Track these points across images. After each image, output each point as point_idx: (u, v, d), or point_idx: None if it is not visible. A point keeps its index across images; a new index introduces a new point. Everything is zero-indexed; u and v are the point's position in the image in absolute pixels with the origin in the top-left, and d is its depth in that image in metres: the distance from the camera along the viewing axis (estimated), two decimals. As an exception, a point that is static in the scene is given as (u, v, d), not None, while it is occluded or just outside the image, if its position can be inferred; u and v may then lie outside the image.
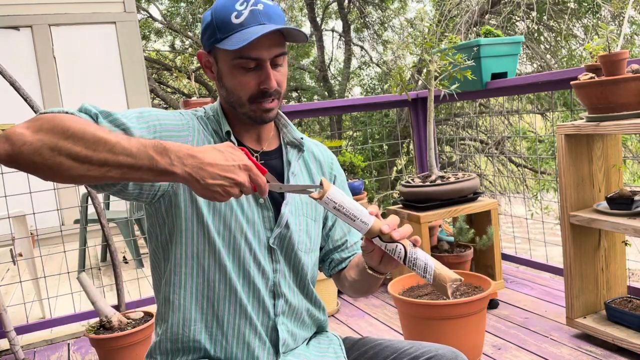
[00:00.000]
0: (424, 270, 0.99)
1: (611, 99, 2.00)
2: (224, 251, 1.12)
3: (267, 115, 1.14)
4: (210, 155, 0.91)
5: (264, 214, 1.16)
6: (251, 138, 1.20)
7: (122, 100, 6.18)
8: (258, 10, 1.10)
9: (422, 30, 2.77)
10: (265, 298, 1.15)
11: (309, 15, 11.00)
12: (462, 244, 2.92)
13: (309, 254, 1.22)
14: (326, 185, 0.98)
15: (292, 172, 1.21)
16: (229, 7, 1.10)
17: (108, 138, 0.88)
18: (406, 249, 0.99)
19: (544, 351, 2.25)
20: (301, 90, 10.96)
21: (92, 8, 6.10)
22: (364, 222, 0.99)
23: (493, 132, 7.34)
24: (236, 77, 1.12)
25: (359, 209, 0.99)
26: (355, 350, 1.24)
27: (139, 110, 1.09)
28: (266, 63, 1.11)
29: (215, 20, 1.11)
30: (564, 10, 6.38)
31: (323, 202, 0.98)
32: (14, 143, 0.85)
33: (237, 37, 1.07)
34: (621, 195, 2.13)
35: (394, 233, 0.99)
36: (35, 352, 2.79)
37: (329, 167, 1.31)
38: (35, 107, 2.71)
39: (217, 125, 1.18)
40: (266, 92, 1.12)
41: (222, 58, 1.13)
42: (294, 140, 1.24)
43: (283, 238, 1.17)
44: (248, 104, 1.13)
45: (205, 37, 1.15)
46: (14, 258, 3.05)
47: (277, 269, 1.17)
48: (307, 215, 1.22)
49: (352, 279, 1.24)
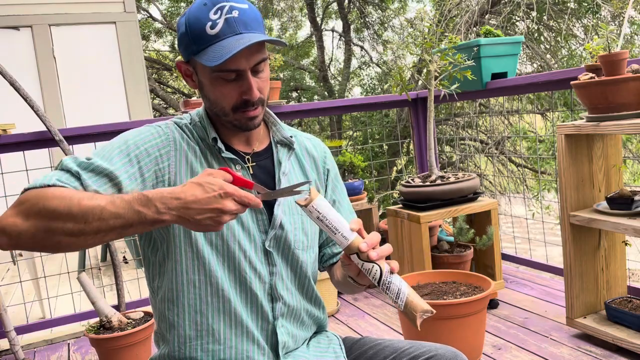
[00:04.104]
0: (396, 296, 0.98)
1: (611, 99, 2.00)
2: (216, 263, 1.11)
3: (251, 123, 1.13)
4: (191, 192, 0.91)
5: (257, 217, 1.15)
6: (240, 141, 1.19)
7: (122, 100, 6.18)
8: (233, 19, 1.06)
9: (422, 30, 2.77)
10: (264, 303, 1.15)
11: (309, 15, 10.99)
12: (462, 244, 2.92)
13: (307, 251, 1.22)
14: (314, 194, 0.98)
15: (282, 172, 1.20)
16: (202, 17, 1.06)
17: (94, 206, 0.90)
18: (382, 271, 0.98)
19: (544, 351, 2.25)
20: (301, 90, 10.95)
21: (92, 8, 6.10)
22: (344, 237, 0.98)
23: (493, 132, 7.34)
24: (217, 89, 1.10)
25: (342, 223, 0.99)
26: (355, 350, 1.24)
27: (118, 143, 1.08)
28: (247, 73, 1.08)
29: (190, 32, 1.08)
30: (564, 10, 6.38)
31: (307, 210, 0.98)
32: (10, 235, 0.90)
33: (214, 51, 1.05)
34: (621, 195, 2.12)
35: (371, 252, 0.97)
36: (35, 352, 2.79)
37: (322, 162, 1.30)
38: (35, 107, 2.71)
39: (203, 132, 1.16)
40: (248, 102, 1.10)
41: (201, 70, 1.11)
42: (283, 139, 1.23)
43: (279, 239, 1.17)
44: (232, 113, 1.12)
45: (182, 46, 1.12)
46: (14, 258, 3.05)
47: (273, 271, 1.16)
48: (302, 213, 1.21)
49: (337, 279, 1.25)
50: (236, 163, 1.16)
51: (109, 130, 2.89)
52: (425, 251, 2.59)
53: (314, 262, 1.25)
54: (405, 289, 0.98)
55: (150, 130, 1.12)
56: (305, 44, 11.89)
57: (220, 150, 1.15)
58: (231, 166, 1.15)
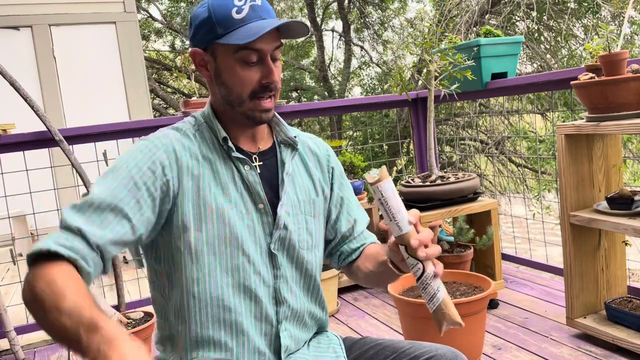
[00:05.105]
0: (430, 298, 0.99)
1: (611, 99, 2.00)
2: (219, 273, 1.11)
3: (265, 115, 1.15)
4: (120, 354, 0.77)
5: (263, 219, 1.15)
6: (247, 139, 1.20)
7: (122, 100, 6.18)
8: (257, 6, 1.11)
9: (422, 30, 2.77)
10: (268, 307, 1.15)
11: (309, 15, 11.00)
12: (462, 244, 2.92)
13: (312, 250, 1.22)
14: (383, 175, 0.99)
15: (286, 172, 1.20)
16: (227, 3, 1.11)
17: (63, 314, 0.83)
18: (424, 271, 0.98)
19: (544, 351, 2.25)
20: (301, 90, 10.96)
21: (92, 8, 6.10)
22: (399, 227, 0.99)
23: (493, 132, 7.34)
24: (237, 72, 1.11)
25: (401, 213, 0.99)
26: (355, 350, 1.24)
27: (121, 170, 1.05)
28: (267, 57, 1.12)
29: (216, 16, 1.10)
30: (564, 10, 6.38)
31: (372, 189, 0.99)
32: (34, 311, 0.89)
33: (244, 31, 1.08)
34: (621, 195, 2.12)
35: (420, 252, 0.98)
36: (35, 352, 2.79)
37: (326, 160, 1.30)
38: (35, 107, 2.71)
39: (210, 132, 1.17)
40: (267, 87, 1.12)
41: (222, 53, 1.12)
42: (287, 139, 1.23)
43: (283, 240, 1.17)
44: (248, 100, 1.13)
45: (199, 34, 1.14)
46: (14, 258, 3.05)
47: (277, 274, 1.16)
48: (306, 212, 1.21)
49: (369, 271, 1.23)
50: (245, 163, 1.16)
51: (109, 130, 2.89)
52: (425, 251, 2.59)
53: (319, 261, 1.25)
54: (441, 296, 0.99)
55: (149, 147, 1.11)
56: (305, 44, 11.90)
57: (230, 149, 1.15)
58: (239, 166, 1.15)
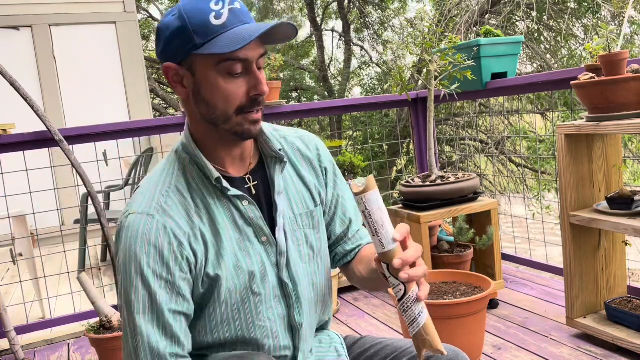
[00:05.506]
0: (410, 322, 0.93)
1: (611, 99, 2.00)
2: (233, 328, 1.08)
3: (254, 127, 1.05)
4: None
5: (268, 250, 1.10)
6: (235, 160, 1.11)
7: (122, 100, 6.18)
8: (237, 9, 1.01)
9: (422, 30, 2.77)
10: (283, 338, 1.12)
11: (309, 15, 11.00)
12: (462, 244, 2.92)
13: (315, 260, 1.17)
14: (369, 185, 0.92)
15: (277, 193, 1.12)
16: (203, 8, 0.99)
17: None
18: (405, 293, 0.93)
19: (544, 351, 2.25)
20: (301, 90, 10.96)
21: (92, 8, 6.10)
22: (382, 244, 0.92)
23: (493, 132, 7.34)
24: (221, 87, 1.01)
25: (385, 229, 0.92)
26: (356, 349, 1.24)
27: (143, 284, 1.00)
28: (253, 65, 1.02)
29: (192, 24, 0.99)
30: (564, 10, 6.38)
31: (356, 199, 0.93)
32: None
33: (227, 39, 0.97)
34: (621, 195, 2.13)
35: (402, 274, 0.92)
36: (35, 352, 2.79)
37: (317, 161, 1.22)
38: (35, 107, 2.71)
39: (198, 170, 1.07)
40: (256, 100, 1.03)
41: (202, 66, 1.01)
42: (272, 153, 1.14)
43: (288, 263, 1.12)
44: (235, 116, 1.03)
45: (173, 46, 1.02)
46: (14, 258, 3.05)
47: (291, 304, 1.12)
48: (304, 226, 1.15)
49: (362, 276, 1.17)
50: (242, 199, 1.08)
51: (109, 130, 2.89)
52: (425, 251, 2.59)
53: (326, 267, 1.20)
54: (422, 320, 0.93)
55: (152, 231, 1.01)
56: (305, 44, 11.90)
57: (225, 189, 1.06)
58: (237, 204, 1.08)
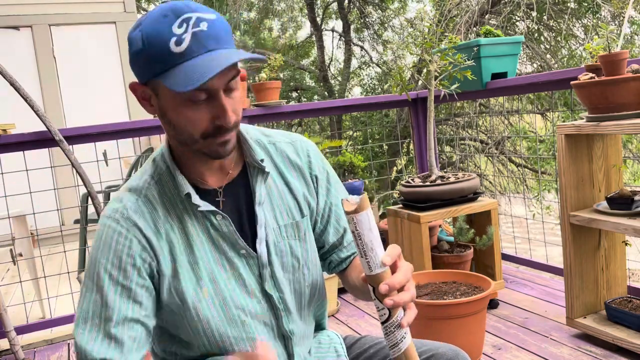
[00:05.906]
0: (392, 346, 0.92)
1: (611, 99, 2.00)
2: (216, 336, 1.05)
3: (223, 149, 0.99)
4: None
5: (249, 262, 1.07)
6: (213, 171, 1.07)
7: (122, 100, 6.18)
8: (202, 32, 0.91)
9: (422, 30, 2.77)
10: (279, 348, 1.10)
11: (309, 15, 10.99)
12: (462, 244, 2.92)
13: (301, 270, 1.13)
14: (363, 205, 0.89)
15: (258, 203, 1.08)
16: (164, 31, 0.90)
17: None
18: (389, 318, 0.91)
19: (544, 351, 2.25)
20: (301, 90, 10.95)
21: (92, 8, 6.11)
22: (369, 267, 0.90)
23: (493, 132, 7.34)
24: (183, 114, 0.95)
25: (374, 251, 0.90)
26: (355, 349, 1.24)
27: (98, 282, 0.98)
28: (220, 93, 0.94)
29: (149, 49, 0.91)
30: (564, 10, 6.38)
31: (347, 218, 0.91)
32: None
33: (183, 73, 0.89)
34: (621, 195, 2.13)
35: (387, 299, 0.89)
36: (35, 352, 2.79)
37: (308, 169, 1.16)
38: (35, 107, 2.71)
39: (173, 184, 1.04)
40: (221, 127, 0.96)
41: (165, 91, 0.95)
42: (255, 163, 1.09)
43: (272, 276, 1.09)
44: (202, 140, 0.97)
45: (137, 66, 0.95)
46: (14, 258, 3.05)
47: (278, 314, 1.10)
48: (289, 237, 1.12)
49: (354, 284, 1.16)
50: (215, 214, 1.04)
51: (109, 130, 2.89)
52: (425, 251, 2.59)
53: (316, 274, 1.18)
54: (404, 346, 0.92)
55: (113, 237, 0.99)
56: (305, 44, 11.89)
57: (195, 206, 1.03)
58: (210, 218, 1.04)
